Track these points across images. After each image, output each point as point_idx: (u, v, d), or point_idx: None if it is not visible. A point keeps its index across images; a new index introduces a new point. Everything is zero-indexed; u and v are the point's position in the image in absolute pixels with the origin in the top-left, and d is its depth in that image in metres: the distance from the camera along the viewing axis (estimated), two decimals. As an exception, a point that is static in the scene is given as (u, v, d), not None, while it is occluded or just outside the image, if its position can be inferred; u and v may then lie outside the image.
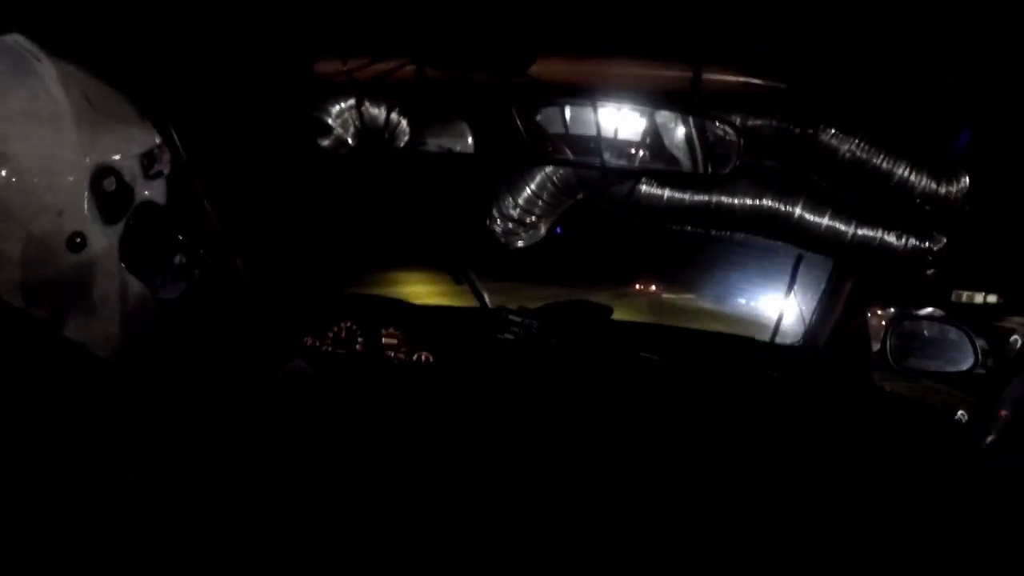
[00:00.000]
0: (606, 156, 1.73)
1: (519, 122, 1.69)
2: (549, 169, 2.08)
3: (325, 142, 2.02)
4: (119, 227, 1.22)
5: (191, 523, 1.10)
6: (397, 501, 1.39)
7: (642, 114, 1.75)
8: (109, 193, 1.17)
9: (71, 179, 1.11)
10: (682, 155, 1.78)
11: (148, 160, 1.30)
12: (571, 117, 1.76)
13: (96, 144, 1.16)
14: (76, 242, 1.12)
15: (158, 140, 1.36)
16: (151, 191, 1.33)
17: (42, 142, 1.07)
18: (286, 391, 1.67)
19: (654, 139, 1.79)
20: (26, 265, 1.06)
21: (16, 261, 1.05)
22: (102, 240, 1.17)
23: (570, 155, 1.85)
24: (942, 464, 1.52)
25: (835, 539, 1.35)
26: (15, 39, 1.14)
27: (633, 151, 1.82)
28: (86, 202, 1.13)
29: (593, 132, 1.68)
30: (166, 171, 1.36)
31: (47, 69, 1.13)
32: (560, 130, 1.79)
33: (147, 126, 1.34)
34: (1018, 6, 1.31)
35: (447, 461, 1.55)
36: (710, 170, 1.76)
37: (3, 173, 1.03)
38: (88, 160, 1.14)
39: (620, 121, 1.75)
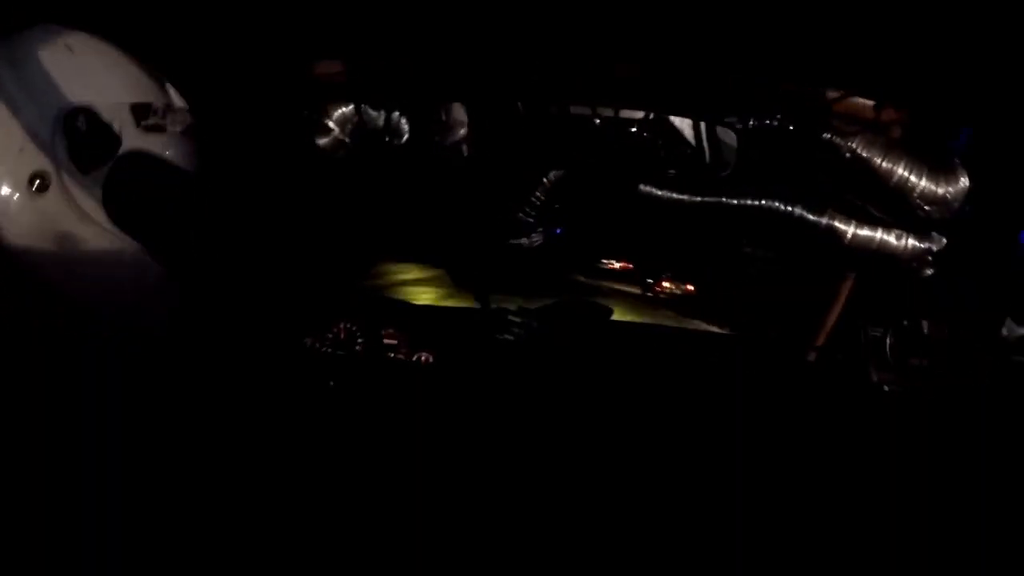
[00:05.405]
0: (605, 157, 1.74)
1: (520, 119, 1.69)
2: (549, 170, 2.08)
3: (324, 143, 2.02)
4: (99, 176, 1.14)
5: (189, 522, 1.10)
6: (396, 502, 1.39)
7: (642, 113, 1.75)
8: (83, 135, 1.11)
9: (35, 115, 1.07)
10: (682, 154, 1.78)
11: (142, 110, 1.21)
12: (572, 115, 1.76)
13: (70, 84, 1.12)
14: (37, 183, 1.06)
15: (164, 101, 1.29)
16: (147, 144, 1.23)
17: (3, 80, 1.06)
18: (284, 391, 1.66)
19: (653, 137, 1.80)
20: None
21: None
22: (72, 185, 1.11)
23: (570, 154, 1.85)
24: (942, 464, 1.52)
25: (835, 540, 1.35)
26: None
27: (632, 149, 1.82)
28: (52, 141, 1.08)
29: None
30: (171, 127, 1.26)
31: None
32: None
33: (146, 84, 1.27)
34: (1018, 6, 1.31)
35: (447, 462, 1.55)
36: (710, 170, 1.76)
37: None
38: (57, 98, 1.11)
39: (620, 121, 1.75)
